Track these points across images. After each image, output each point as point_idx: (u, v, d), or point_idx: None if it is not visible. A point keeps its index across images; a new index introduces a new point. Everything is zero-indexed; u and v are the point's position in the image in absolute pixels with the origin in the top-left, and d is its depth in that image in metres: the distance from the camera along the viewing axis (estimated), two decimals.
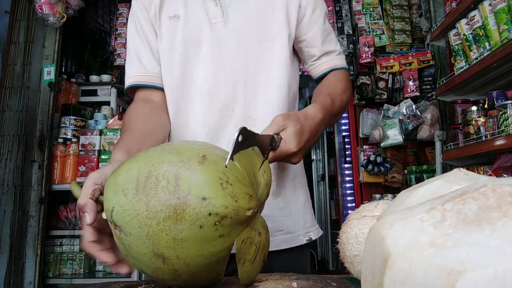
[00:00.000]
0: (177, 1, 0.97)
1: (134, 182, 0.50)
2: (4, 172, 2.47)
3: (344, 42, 3.11)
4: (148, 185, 0.49)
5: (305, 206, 1.00)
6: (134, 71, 0.97)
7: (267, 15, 0.96)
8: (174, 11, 0.97)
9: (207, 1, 0.96)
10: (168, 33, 0.96)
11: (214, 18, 0.95)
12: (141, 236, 0.48)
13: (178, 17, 0.96)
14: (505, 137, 1.69)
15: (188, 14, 0.96)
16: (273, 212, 0.93)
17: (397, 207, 0.36)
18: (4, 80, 2.57)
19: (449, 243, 0.25)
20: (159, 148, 0.55)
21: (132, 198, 0.49)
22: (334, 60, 1.01)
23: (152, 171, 0.50)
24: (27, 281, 2.40)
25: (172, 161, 0.51)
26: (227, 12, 0.95)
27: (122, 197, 0.50)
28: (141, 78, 0.97)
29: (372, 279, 0.29)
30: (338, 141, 4.19)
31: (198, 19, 0.95)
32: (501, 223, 0.24)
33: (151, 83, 0.97)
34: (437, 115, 2.66)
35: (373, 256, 0.30)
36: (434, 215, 0.28)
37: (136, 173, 0.51)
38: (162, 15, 0.97)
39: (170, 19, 0.96)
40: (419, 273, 0.25)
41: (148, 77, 0.97)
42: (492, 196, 0.26)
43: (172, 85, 0.97)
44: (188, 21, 0.95)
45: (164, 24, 0.97)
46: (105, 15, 3.46)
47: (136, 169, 0.52)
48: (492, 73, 1.99)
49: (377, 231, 0.30)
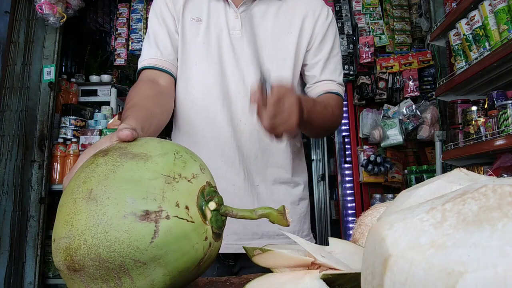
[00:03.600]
0: (202, 4, 1.01)
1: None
2: (4, 172, 2.47)
3: (344, 42, 3.11)
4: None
5: (305, 217, 1.05)
6: (151, 54, 0.99)
7: (282, 37, 1.00)
8: (198, 14, 1.00)
9: (229, 12, 1.00)
10: (189, 33, 1.00)
11: (233, 29, 0.99)
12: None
13: (201, 20, 1.00)
14: (505, 137, 1.69)
15: (210, 19, 1.00)
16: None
17: (397, 207, 0.36)
18: (4, 80, 2.57)
19: (450, 244, 0.24)
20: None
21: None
22: (331, 85, 1.04)
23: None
24: (27, 281, 2.40)
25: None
26: (246, 27, 0.99)
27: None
28: (157, 61, 0.98)
29: (372, 280, 0.29)
30: (338, 141, 4.19)
31: (219, 26, 0.99)
32: (501, 224, 0.24)
33: (165, 67, 0.99)
34: (437, 115, 2.66)
35: (373, 257, 0.30)
36: (434, 216, 0.28)
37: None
38: (186, 15, 1.01)
39: (192, 21, 1.00)
40: (419, 274, 0.24)
41: (163, 62, 0.99)
42: (493, 196, 0.26)
43: (189, 85, 1.00)
44: (209, 25, 0.99)
45: (186, 24, 1.00)
46: (105, 15, 3.46)
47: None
48: (492, 73, 1.99)
49: (377, 232, 0.30)
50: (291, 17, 1.02)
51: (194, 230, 0.48)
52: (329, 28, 1.04)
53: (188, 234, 0.47)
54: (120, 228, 0.44)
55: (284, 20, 1.01)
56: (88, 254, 0.43)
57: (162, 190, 0.47)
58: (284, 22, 1.01)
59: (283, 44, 1.00)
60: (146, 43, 1.02)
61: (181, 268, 0.47)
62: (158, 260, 0.45)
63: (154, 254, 0.44)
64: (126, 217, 0.44)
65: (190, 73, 0.99)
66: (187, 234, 0.47)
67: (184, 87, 1.00)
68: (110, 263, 0.43)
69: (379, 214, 0.62)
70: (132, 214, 0.44)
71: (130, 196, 0.45)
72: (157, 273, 0.45)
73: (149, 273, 0.45)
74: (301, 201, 1.04)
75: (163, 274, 0.46)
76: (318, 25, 1.02)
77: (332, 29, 1.05)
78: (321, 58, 1.03)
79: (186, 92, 1.00)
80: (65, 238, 0.45)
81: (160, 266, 0.45)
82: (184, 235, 0.46)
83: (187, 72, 1.00)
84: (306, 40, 1.02)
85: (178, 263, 0.46)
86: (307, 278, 0.48)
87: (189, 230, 0.47)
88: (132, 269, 0.44)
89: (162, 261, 0.45)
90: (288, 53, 1.00)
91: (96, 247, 0.43)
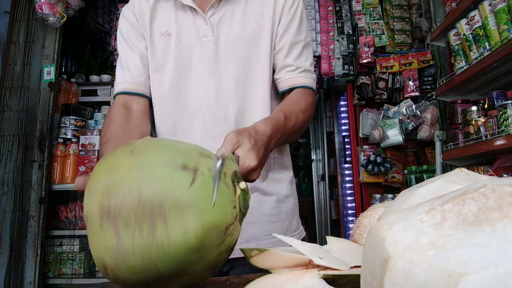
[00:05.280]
0: (169, 17, 0.99)
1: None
2: (4, 172, 2.46)
3: (344, 42, 3.11)
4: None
5: (292, 213, 1.03)
6: (123, 78, 1.00)
7: (255, 34, 0.98)
8: (166, 28, 0.99)
9: (197, 19, 0.97)
10: (161, 49, 0.98)
11: (205, 37, 0.96)
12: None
13: (170, 34, 0.98)
14: (505, 137, 1.69)
15: (180, 31, 0.98)
16: (261, 218, 0.96)
17: (397, 208, 0.36)
18: (4, 80, 2.57)
19: (450, 244, 0.24)
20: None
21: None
22: (297, 78, 1.00)
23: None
24: (27, 281, 2.40)
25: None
26: (217, 31, 0.97)
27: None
28: (128, 85, 0.99)
29: (372, 281, 0.29)
30: (338, 141, 4.19)
31: (190, 37, 0.97)
32: (502, 224, 0.24)
33: (137, 90, 0.99)
34: (437, 115, 2.66)
35: (373, 258, 0.29)
36: (434, 216, 0.28)
37: None
38: (154, 30, 0.99)
39: (162, 36, 0.99)
40: (420, 275, 0.24)
41: (135, 85, 0.99)
42: (492, 197, 0.26)
43: (163, 100, 0.99)
44: (180, 39, 0.97)
45: (156, 40, 0.99)
46: (105, 15, 3.46)
47: None
48: (492, 73, 1.99)
49: (377, 232, 0.29)
50: (260, 10, 0.98)
51: (227, 193, 0.50)
52: (295, 13, 1.00)
53: (223, 192, 0.49)
54: (161, 173, 0.47)
55: (254, 15, 0.98)
56: (129, 193, 0.45)
57: (197, 158, 0.51)
58: (254, 18, 0.98)
59: (257, 41, 0.97)
60: (118, 66, 1.03)
61: (213, 221, 0.47)
62: (194, 207, 0.46)
63: (191, 199, 0.46)
64: (167, 166, 0.47)
65: (163, 89, 0.99)
66: (221, 191, 0.49)
67: (158, 103, 1.00)
68: (148, 203, 0.44)
69: (377, 215, 0.62)
70: (172, 164, 0.48)
71: (170, 154, 0.49)
72: (191, 221, 0.46)
73: (184, 220, 0.45)
74: (287, 198, 1.02)
75: (197, 224, 0.46)
76: (285, 10, 0.99)
77: (298, 14, 1.01)
78: (286, 43, 0.99)
79: (161, 109, 1.00)
80: (105, 182, 0.47)
81: (195, 214, 0.46)
82: (219, 192, 0.49)
83: (160, 87, 0.99)
84: (276, 30, 0.99)
85: (211, 214, 0.47)
86: (306, 277, 0.48)
87: (223, 189, 0.50)
88: (169, 212, 0.45)
89: (198, 209, 0.46)
90: (263, 52, 0.98)
91: (137, 186, 0.45)
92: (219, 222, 0.48)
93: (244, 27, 0.97)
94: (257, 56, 0.98)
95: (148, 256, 0.44)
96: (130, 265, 0.44)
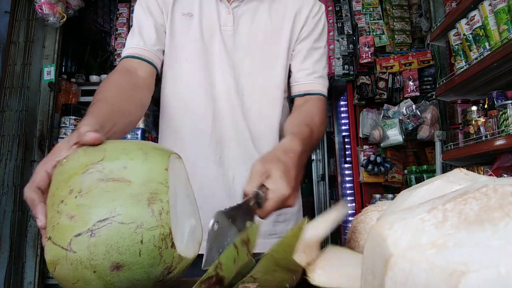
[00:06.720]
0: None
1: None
2: (4, 172, 2.46)
3: (344, 42, 3.11)
4: None
5: (297, 214, 1.04)
6: (133, 43, 0.95)
7: (275, 33, 0.99)
8: (189, 9, 0.98)
9: (221, 7, 0.98)
10: (180, 28, 0.97)
11: (225, 25, 0.97)
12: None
13: (192, 15, 0.97)
14: (505, 137, 1.69)
15: (202, 14, 0.97)
16: (267, 219, 0.95)
17: (397, 207, 0.36)
18: (4, 80, 2.57)
19: (451, 244, 0.24)
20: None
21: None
22: (314, 84, 1.00)
23: None
24: (27, 281, 2.40)
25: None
26: (237, 24, 0.97)
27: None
28: (138, 50, 0.93)
29: (372, 280, 0.29)
30: (338, 141, 4.19)
31: (211, 21, 0.97)
32: (503, 223, 0.24)
33: (146, 57, 0.93)
34: (437, 115, 2.66)
35: (374, 257, 0.29)
36: (435, 215, 0.28)
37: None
38: (176, 11, 0.98)
39: (183, 16, 0.97)
40: (421, 274, 0.24)
41: (145, 52, 0.93)
42: (494, 196, 0.26)
43: (177, 80, 0.98)
44: (201, 21, 0.97)
45: (176, 19, 0.98)
46: (105, 15, 3.46)
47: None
48: (492, 73, 1.99)
49: (378, 232, 0.29)
50: (283, 12, 1.00)
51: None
52: (318, 22, 1.03)
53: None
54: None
55: (277, 16, 1.00)
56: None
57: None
58: (276, 18, 0.99)
59: (276, 41, 0.99)
60: (130, 34, 0.98)
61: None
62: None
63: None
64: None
65: (179, 69, 0.97)
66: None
67: (171, 82, 0.98)
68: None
69: (371, 220, 0.62)
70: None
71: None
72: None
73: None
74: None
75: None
76: (309, 19, 1.01)
77: (321, 23, 1.03)
78: (305, 47, 1.00)
79: (174, 88, 0.98)
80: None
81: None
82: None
83: (176, 67, 0.97)
84: (297, 34, 1.01)
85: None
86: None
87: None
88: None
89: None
90: (280, 49, 0.98)
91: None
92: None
93: (265, 25, 0.98)
94: (275, 54, 0.98)
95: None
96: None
